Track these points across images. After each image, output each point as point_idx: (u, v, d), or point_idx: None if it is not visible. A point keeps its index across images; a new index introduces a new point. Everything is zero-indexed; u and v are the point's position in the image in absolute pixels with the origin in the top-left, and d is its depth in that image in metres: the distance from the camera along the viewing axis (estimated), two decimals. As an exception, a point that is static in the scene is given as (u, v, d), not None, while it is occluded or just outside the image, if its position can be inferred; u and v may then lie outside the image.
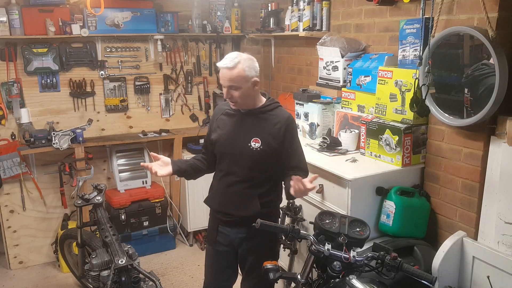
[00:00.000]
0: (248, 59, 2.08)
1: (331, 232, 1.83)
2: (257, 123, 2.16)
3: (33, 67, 3.47)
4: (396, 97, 2.44)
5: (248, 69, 2.06)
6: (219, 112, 2.29)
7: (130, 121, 3.96)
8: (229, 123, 2.21)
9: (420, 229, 2.33)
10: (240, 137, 2.16)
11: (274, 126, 2.14)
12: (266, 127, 2.15)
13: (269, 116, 2.17)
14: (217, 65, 2.10)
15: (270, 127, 2.15)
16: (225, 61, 2.05)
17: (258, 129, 2.15)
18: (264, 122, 2.16)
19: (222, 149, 2.22)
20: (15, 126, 3.53)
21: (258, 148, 2.12)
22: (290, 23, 3.49)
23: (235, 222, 2.22)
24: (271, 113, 2.18)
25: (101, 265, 2.52)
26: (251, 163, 2.15)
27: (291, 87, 3.83)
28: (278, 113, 2.18)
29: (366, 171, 2.34)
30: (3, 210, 3.57)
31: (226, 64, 2.04)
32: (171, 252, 3.92)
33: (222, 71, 2.07)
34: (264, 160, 2.14)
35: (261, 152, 2.12)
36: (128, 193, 3.78)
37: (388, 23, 2.67)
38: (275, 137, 2.13)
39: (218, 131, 2.23)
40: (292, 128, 2.19)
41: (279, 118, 2.16)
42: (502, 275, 1.97)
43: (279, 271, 1.92)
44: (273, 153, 2.13)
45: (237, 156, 2.16)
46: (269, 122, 2.16)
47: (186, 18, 3.94)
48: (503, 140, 1.99)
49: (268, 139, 2.13)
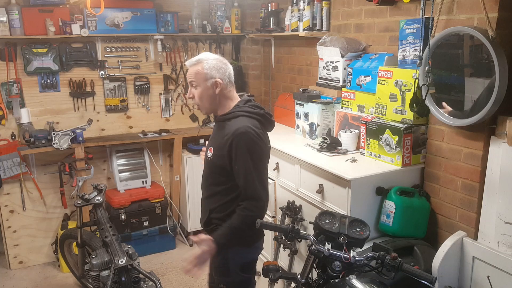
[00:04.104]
0: (214, 59, 1.99)
1: (331, 232, 1.83)
2: (216, 131, 2.07)
3: (33, 67, 3.47)
4: (396, 97, 2.44)
5: (209, 69, 1.96)
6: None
7: (130, 121, 3.96)
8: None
9: (420, 229, 2.33)
10: (208, 145, 2.11)
11: (224, 138, 1.93)
12: (220, 136, 1.98)
13: (225, 125, 1.98)
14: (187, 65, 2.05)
15: (221, 138, 1.96)
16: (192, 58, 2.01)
17: (215, 138, 2.06)
18: (222, 131, 1.98)
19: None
20: (15, 126, 3.53)
21: (210, 157, 2.02)
22: (290, 23, 3.49)
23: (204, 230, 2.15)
24: (228, 123, 1.97)
25: (101, 265, 2.52)
26: (207, 173, 2.09)
27: (291, 87, 3.84)
28: (233, 124, 1.93)
29: (366, 171, 2.34)
30: (3, 210, 3.57)
31: (190, 61, 2.00)
32: (171, 252, 3.92)
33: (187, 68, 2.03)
34: (215, 172, 2.01)
35: (212, 163, 2.02)
36: (128, 193, 3.78)
37: (388, 23, 2.67)
38: (222, 149, 1.93)
39: None
40: (237, 143, 1.87)
41: (230, 129, 1.91)
42: (502, 275, 1.97)
43: (279, 271, 1.92)
44: (221, 167, 1.96)
45: (204, 165, 2.14)
46: (224, 131, 1.96)
47: (186, 18, 3.94)
48: (503, 140, 1.99)
49: (218, 150, 1.98)
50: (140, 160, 3.97)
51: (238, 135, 1.88)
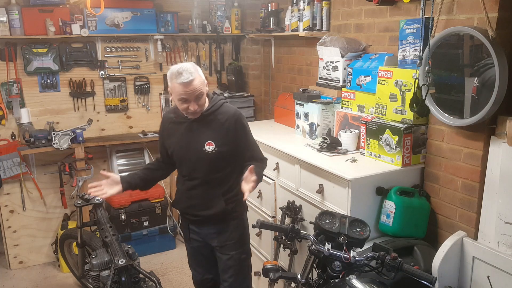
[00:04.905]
0: (192, 66, 2.08)
1: (331, 232, 1.83)
2: (207, 126, 2.18)
3: (33, 67, 3.48)
4: (396, 97, 2.44)
5: (200, 73, 2.10)
6: (166, 121, 2.31)
7: (130, 121, 3.96)
8: (179, 131, 2.23)
9: (420, 229, 2.33)
10: (193, 143, 2.19)
11: (223, 126, 2.16)
12: (216, 128, 2.17)
13: (216, 116, 2.18)
14: (178, 83, 2.02)
15: (219, 127, 2.16)
16: (184, 75, 2.01)
17: (209, 132, 2.17)
18: (214, 123, 2.17)
19: (179, 157, 2.27)
20: (15, 126, 3.53)
21: (213, 151, 2.15)
22: (290, 23, 3.49)
23: (203, 221, 2.30)
24: (218, 112, 2.18)
25: (101, 265, 2.51)
26: (209, 166, 2.19)
27: (291, 87, 3.83)
28: (225, 111, 2.19)
29: (366, 171, 2.33)
30: (3, 210, 3.57)
31: (188, 77, 2.01)
32: (171, 252, 3.93)
33: (185, 85, 2.02)
34: (221, 160, 2.18)
35: (217, 154, 2.16)
36: (128, 193, 3.77)
37: (388, 23, 2.67)
38: (227, 136, 2.16)
39: (171, 139, 2.27)
40: (241, 122, 2.20)
41: (227, 115, 2.17)
42: (502, 275, 1.97)
43: (279, 271, 1.92)
44: (229, 152, 2.17)
45: (194, 161, 2.21)
46: (217, 122, 2.17)
47: (186, 18, 3.94)
48: (503, 140, 1.99)
49: (221, 139, 2.15)
50: (140, 160, 3.97)
51: (237, 117, 2.18)
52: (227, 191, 2.25)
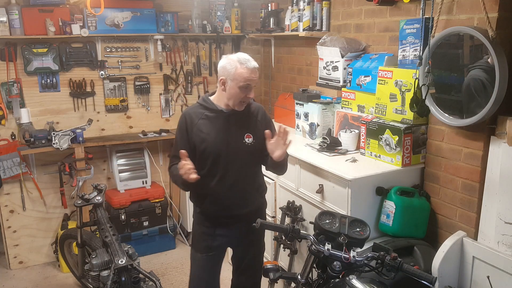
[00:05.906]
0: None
1: (331, 232, 1.83)
2: (244, 119, 2.23)
3: (33, 67, 3.47)
4: (396, 97, 2.44)
5: None
6: (196, 117, 2.18)
7: (130, 121, 3.96)
8: (216, 125, 2.17)
9: (420, 229, 2.33)
10: (233, 136, 2.18)
11: (256, 118, 2.26)
12: (251, 121, 2.25)
13: (248, 110, 2.25)
14: (247, 67, 2.06)
15: (254, 120, 2.26)
16: (251, 62, 2.09)
17: (247, 125, 2.23)
18: (248, 117, 2.25)
19: (216, 152, 2.16)
20: (15, 126, 3.53)
21: (252, 142, 2.20)
22: (290, 23, 3.49)
23: (238, 220, 2.26)
24: (249, 105, 2.25)
25: (101, 265, 2.51)
26: (248, 159, 2.22)
27: (291, 87, 3.84)
28: (252, 105, 2.29)
29: (366, 171, 2.34)
30: (3, 210, 3.57)
31: (254, 65, 2.10)
32: (171, 252, 3.92)
33: (253, 71, 2.09)
34: (258, 153, 2.23)
35: (255, 145, 2.21)
36: (128, 193, 3.78)
37: (388, 23, 2.67)
38: (261, 128, 2.22)
39: (203, 135, 2.16)
40: (267, 114, 2.34)
41: (256, 109, 2.28)
42: (502, 275, 1.97)
43: (279, 271, 1.92)
44: (262, 144, 2.19)
45: (233, 155, 2.18)
46: (251, 116, 2.26)
47: (186, 18, 3.94)
48: (503, 140, 1.99)
49: (257, 131, 2.22)
50: (140, 160, 3.97)
51: (263, 110, 2.32)
52: (258, 185, 2.32)
